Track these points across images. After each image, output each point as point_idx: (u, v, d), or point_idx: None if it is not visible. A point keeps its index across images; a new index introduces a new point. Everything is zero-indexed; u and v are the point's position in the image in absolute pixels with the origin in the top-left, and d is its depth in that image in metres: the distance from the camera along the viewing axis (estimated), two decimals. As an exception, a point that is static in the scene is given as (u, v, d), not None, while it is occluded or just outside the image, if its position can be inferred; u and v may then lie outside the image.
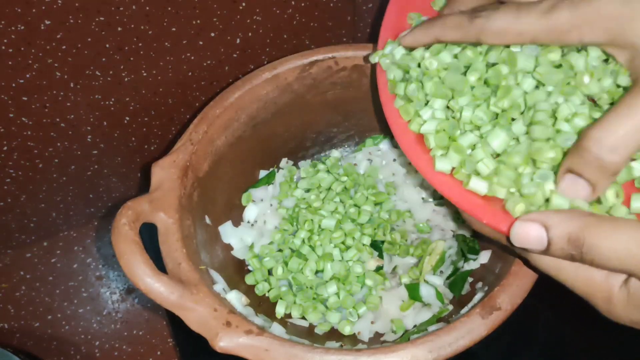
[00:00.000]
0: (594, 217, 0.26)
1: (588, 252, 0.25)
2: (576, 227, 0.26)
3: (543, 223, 0.27)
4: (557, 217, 0.27)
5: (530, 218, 0.28)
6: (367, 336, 0.43)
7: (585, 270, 0.27)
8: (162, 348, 0.54)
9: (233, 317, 0.35)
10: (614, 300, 0.27)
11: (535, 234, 0.27)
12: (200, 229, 0.43)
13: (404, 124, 0.35)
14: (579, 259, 0.26)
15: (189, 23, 0.45)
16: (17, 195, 0.53)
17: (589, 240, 0.25)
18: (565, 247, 0.26)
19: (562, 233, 0.26)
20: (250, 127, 0.48)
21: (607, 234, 0.25)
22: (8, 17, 0.39)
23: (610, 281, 0.27)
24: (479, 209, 0.31)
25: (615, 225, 0.25)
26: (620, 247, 0.25)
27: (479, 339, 0.34)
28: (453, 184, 0.32)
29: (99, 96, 0.48)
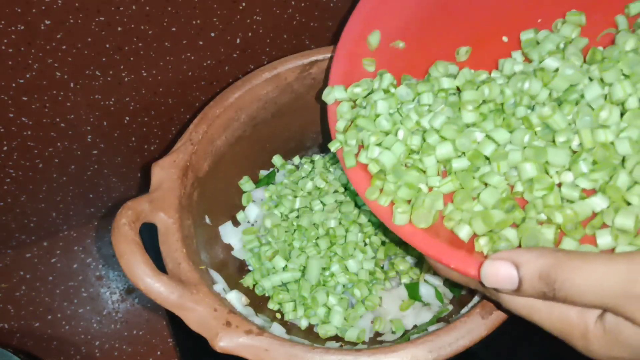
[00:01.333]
0: (563, 252, 0.25)
1: (560, 288, 0.25)
2: (547, 264, 0.25)
3: (513, 261, 0.27)
4: (526, 255, 0.26)
5: (500, 257, 0.27)
6: (366, 336, 0.43)
7: (558, 308, 0.27)
8: (162, 348, 0.54)
9: (233, 317, 0.35)
10: (590, 337, 0.26)
11: (505, 272, 0.27)
12: (200, 229, 0.43)
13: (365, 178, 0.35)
14: (552, 297, 0.25)
15: (189, 23, 0.45)
16: (17, 195, 0.53)
17: (561, 276, 0.25)
18: (537, 285, 0.26)
19: (533, 270, 0.26)
20: (250, 127, 0.48)
21: (578, 269, 0.24)
22: (8, 17, 0.39)
23: (585, 317, 0.26)
24: (445, 254, 0.30)
25: (585, 259, 0.24)
26: (592, 281, 0.24)
27: (479, 339, 0.34)
28: (417, 231, 0.32)
29: (99, 96, 0.48)
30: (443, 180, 0.32)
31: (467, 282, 0.31)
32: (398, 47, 0.40)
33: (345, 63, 0.39)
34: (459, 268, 0.30)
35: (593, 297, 0.24)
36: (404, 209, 0.32)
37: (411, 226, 0.32)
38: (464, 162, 0.32)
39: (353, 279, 0.45)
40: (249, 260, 0.48)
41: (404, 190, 0.32)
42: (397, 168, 0.33)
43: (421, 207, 0.31)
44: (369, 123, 0.35)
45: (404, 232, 0.32)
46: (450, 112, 0.34)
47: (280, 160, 0.53)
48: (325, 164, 0.53)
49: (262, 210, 0.50)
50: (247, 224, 0.50)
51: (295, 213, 0.49)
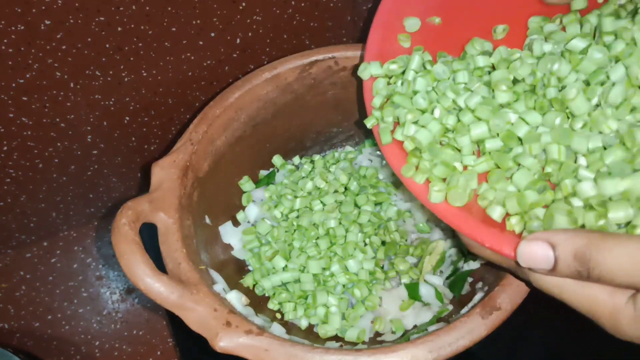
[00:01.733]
0: (598, 233, 0.26)
1: (595, 267, 0.25)
2: (582, 244, 0.26)
3: (549, 241, 0.27)
4: (562, 235, 0.27)
5: (536, 237, 0.28)
6: (366, 336, 0.43)
7: (589, 288, 0.27)
8: (162, 348, 0.54)
9: (233, 317, 0.35)
10: (620, 317, 0.26)
11: (541, 252, 0.27)
12: (200, 229, 0.43)
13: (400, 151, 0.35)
14: (586, 276, 0.26)
15: (189, 23, 0.45)
16: (17, 195, 0.53)
17: (595, 255, 0.25)
18: (572, 265, 0.26)
19: (569, 250, 0.26)
20: (250, 127, 0.48)
21: (612, 249, 0.25)
22: (8, 17, 0.39)
23: (616, 298, 0.27)
24: (480, 232, 0.30)
25: (620, 240, 0.25)
26: (626, 260, 0.24)
27: (479, 339, 0.34)
28: (452, 209, 0.32)
29: (99, 96, 0.48)
30: (477, 160, 0.32)
31: (500, 260, 0.32)
32: (434, 23, 0.39)
33: (380, 39, 0.39)
34: (493, 247, 0.30)
35: (626, 276, 0.25)
36: (440, 187, 0.32)
37: (446, 204, 0.32)
38: (498, 142, 0.32)
39: (353, 278, 0.45)
40: (249, 260, 0.48)
41: (440, 168, 0.32)
42: (433, 146, 0.33)
43: (456, 185, 0.31)
44: (405, 100, 0.35)
45: (439, 210, 0.32)
46: (485, 91, 0.34)
47: (280, 160, 0.53)
48: (325, 163, 0.53)
49: (262, 211, 0.50)
50: (247, 224, 0.50)
51: (295, 213, 0.49)
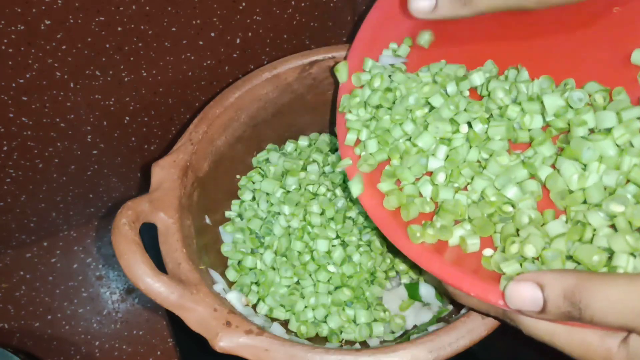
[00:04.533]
0: (588, 273, 0.25)
1: (586, 308, 0.24)
2: (571, 284, 0.25)
3: (537, 282, 0.26)
4: (551, 275, 0.26)
5: (524, 278, 0.27)
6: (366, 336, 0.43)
7: (580, 333, 0.27)
8: (162, 348, 0.54)
9: (233, 317, 0.35)
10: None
11: (530, 294, 0.26)
12: (200, 229, 0.43)
13: (377, 200, 0.34)
14: (578, 317, 0.25)
15: (189, 23, 0.45)
16: (17, 195, 0.53)
17: (586, 295, 0.24)
18: (562, 306, 0.25)
19: (558, 290, 0.25)
20: (250, 127, 0.48)
21: (603, 289, 0.24)
22: (8, 17, 0.39)
23: (607, 342, 0.26)
24: (466, 281, 0.30)
25: (608, 279, 0.24)
26: (617, 301, 0.24)
27: (478, 339, 0.34)
28: (434, 257, 0.31)
29: (99, 96, 0.48)
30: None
31: (487, 309, 0.31)
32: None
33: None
34: (479, 295, 0.29)
35: (617, 317, 0.24)
36: (421, 233, 0.32)
37: (428, 250, 0.32)
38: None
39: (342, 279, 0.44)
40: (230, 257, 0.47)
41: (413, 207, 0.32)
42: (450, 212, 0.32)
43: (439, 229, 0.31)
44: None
45: (419, 256, 0.32)
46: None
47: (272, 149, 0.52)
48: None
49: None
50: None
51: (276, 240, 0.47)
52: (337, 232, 0.45)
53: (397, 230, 0.33)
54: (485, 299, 0.29)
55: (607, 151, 0.30)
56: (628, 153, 0.29)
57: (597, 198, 0.29)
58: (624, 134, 0.30)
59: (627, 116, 0.30)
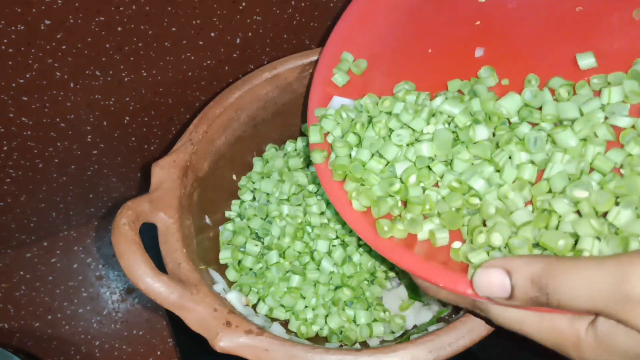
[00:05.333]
0: (554, 257, 0.25)
1: (553, 292, 0.24)
2: (538, 269, 0.25)
3: (505, 268, 0.26)
4: (518, 261, 0.26)
5: (491, 264, 0.27)
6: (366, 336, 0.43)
7: (548, 319, 0.26)
8: (162, 348, 0.54)
9: (233, 317, 0.35)
10: (582, 345, 0.26)
11: (498, 280, 0.26)
12: (200, 229, 0.43)
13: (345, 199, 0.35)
14: (545, 302, 0.25)
15: (189, 23, 0.45)
16: (17, 195, 0.53)
17: (552, 280, 0.24)
18: (530, 291, 0.25)
19: (525, 276, 0.25)
20: (250, 127, 0.48)
21: (568, 272, 0.24)
22: (8, 17, 0.39)
23: (576, 326, 0.26)
24: (434, 273, 0.30)
25: (575, 263, 0.24)
26: (583, 284, 0.24)
27: (478, 339, 0.34)
28: (404, 252, 0.31)
29: (99, 96, 0.48)
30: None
31: (457, 300, 0.31)
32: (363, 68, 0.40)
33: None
34: (447, 286, 0.29)
35: (584, 300, 0.24)
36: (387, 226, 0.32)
37: (396, 244, 0.32)
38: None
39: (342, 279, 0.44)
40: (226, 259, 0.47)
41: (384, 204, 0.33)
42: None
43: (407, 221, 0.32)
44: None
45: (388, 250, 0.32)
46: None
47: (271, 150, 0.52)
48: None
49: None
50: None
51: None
52: (337, 232, 0.45)
53: (365, 226, 0.33)
54: (454, 290, 0.29)
55: (569, 142, 0.30)
56: (592, 142, 0.30)
57: (560, 186, 0.29)
58: (583, 129, 0.30)
59: (588, 108, 0.31)
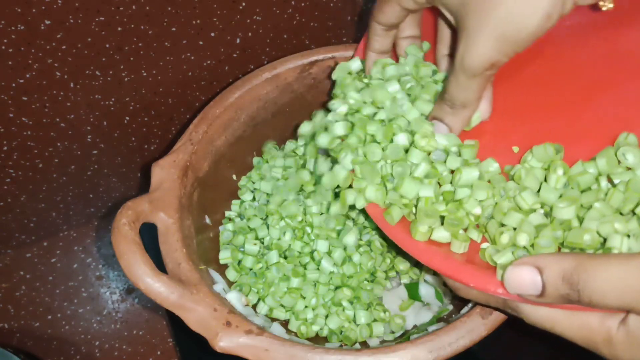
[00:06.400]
0: (586, 255, 0.25)
1: (584, 289, 0.24)
2: (569, 266, 0.25)
3: (535, 265, 0.26)
4: (548, 258, 0.26)
5: (522, 262, 0.27)
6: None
7: (579, 317, 0.27)
8: (162, 348, 0.54)
9: (233, 317, 0.35)
10: (614, 342, 0.26)
11: (529, 277, 0.26)
12: (200, 229, 0.43)
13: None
14: (577, 299, 0.25)
15: (189, 23, 0.45)
16: (17, 195, 0.53)
17: (584, 277, 0.24)
18: (561, 288, 0.25)
19: (556, 273, 0.26)
20: (251, 127, 0.48)
21: (601, 270, 0.24)
22: (8, 17, 0.39)
23: (607, 323, 0.26)
24: (464, 273, 0.30)
25: (606, 259, 0.24)
26: (615, 281, 0.24)
27: (479, 339, 0.34)
28: (434, 252, 0.31)
29: (99, 96, 0.48)
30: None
31: (487, 299, 0.31)
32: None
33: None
34: (478, 285, 0.29)
35: (615, 297, 0.24)
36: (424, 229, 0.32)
37: (428, 245, 0.32)
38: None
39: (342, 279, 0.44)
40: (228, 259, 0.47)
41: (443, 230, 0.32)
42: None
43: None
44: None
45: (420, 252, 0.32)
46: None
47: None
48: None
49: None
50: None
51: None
52: (338, 232, 0.45)
53: (397, 229, 0.33)
54: (484, 289, 0.29)
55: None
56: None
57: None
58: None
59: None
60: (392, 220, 0.33)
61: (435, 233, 0.32)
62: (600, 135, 0.32)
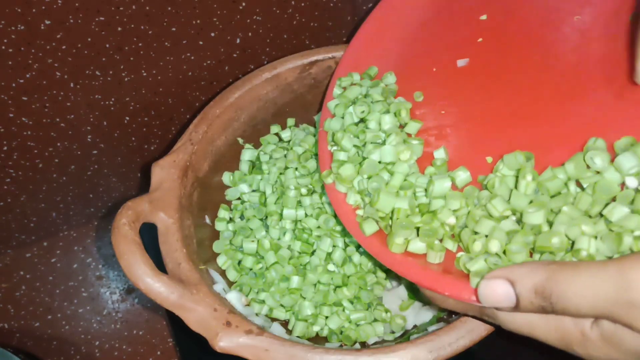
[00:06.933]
0: (556, 264, 0.25)
1: (557, 302, 0.24)
2: (540, 278, 0.25)
3: (508, 278, 0.26)
4: (520, 270, 0.26)
5: (494, 275, 0.27)
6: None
7: (554, 320, 0.27)
8: (162, 348, 0.54)
9: (233, 317, 0.35)
10: (588, 343, 0.26)
11: (502, 290, 0.26)
12: (200, 229, 0.43)
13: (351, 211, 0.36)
14: (551, 310, 0.25)
15: (189, 23, 0.45)
16: (17, 195, 0.53)
17: (556, 289, 0.24)
18: (534, 301, 0.25)
19: (528, 285, 0.25)
20: (251, 127, 0.48)
21: (570, 280, 0.24)
22: (8, 17, 0.39)
23: (580, 325, 0.26)
24: (439, 282, 0.30)
25: (577, 269, 0.24)
26: (585, 291, 0.24)
27: (479, 339, 0.34)
28: (411, 264, 0.32)
29: (99, 96, 0.48)
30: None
31: (465, 308, 0.31)
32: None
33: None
34: (453, 294, 0.30)
35: (588, 307, 0.24)
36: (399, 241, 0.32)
37: (403, 256, 0.32)
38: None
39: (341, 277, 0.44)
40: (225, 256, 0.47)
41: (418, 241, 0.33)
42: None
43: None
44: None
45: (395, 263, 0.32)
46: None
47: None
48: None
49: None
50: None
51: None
52: (339, 233, 0.45)
53: (370, 239, 0.34)
54: (460, 298, 0.29)
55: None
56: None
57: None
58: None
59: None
60: (365, 233, 0.34)
61: (411, 245, 0.32)
62: (572, 142, 0.32)
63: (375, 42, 0.43)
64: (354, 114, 0.39)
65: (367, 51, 0.43)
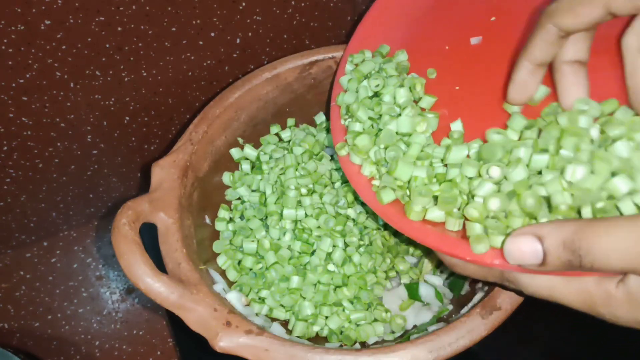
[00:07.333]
0: (586, 220, 0.25)
1: (586, 254, 0.24)
2: (570, 232, 0.25)
3: (536, 234, 0.26)
4: (548, 226, 0.26)
5: (522, 232, 0.27)
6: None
7: (576, 282, 0.26)
8: (162, 348, 0.54)
9: (233, 317, 0.35)
10: (612, 302, 0.26)
11: (529, 247, 0.26)
12: (200, 229, 0.43)
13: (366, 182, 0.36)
14: (578, 265, 0.25)
15: (189, 23, 0.45)
16: (17, 195, 0.53)
17: (585, 242, 0.24)
18: (562, 255, 0.25)
19: (557, 240, 0.25)
20: (251, 127, 0.48)
21: (601, 233, 0.24)
22: (8, 17, 0.39)
23: (604, 285, 0.26)
24: (460, 248, 0.30)
25: (609, 224, 0.24)
26: (616, 244, 0.23)
27: (479, 339, 0.34)
28: (429, 231, 0.32)
29: (99, 96, 0.48)
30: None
31: (485, 274, 0.31)
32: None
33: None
34: (475, 259, 0.29)
35: (618, 260, 0.23)
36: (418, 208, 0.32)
37: (422, 224, 0.32)
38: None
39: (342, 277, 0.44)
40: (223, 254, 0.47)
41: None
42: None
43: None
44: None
45: (414, 230, 0.32)
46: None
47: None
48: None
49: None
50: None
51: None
52: (339, 233, 0.45)
53: (391, 210, 0.34)
54: (481, 262, 0.29)
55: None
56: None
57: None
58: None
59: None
60: (382, 202, 0.34)
61: (429, 213, 0.32)
62: None
63: (386, 21, 0.43)
64: (369, 87, 0.38)
65: (377, 30, 0.43)
